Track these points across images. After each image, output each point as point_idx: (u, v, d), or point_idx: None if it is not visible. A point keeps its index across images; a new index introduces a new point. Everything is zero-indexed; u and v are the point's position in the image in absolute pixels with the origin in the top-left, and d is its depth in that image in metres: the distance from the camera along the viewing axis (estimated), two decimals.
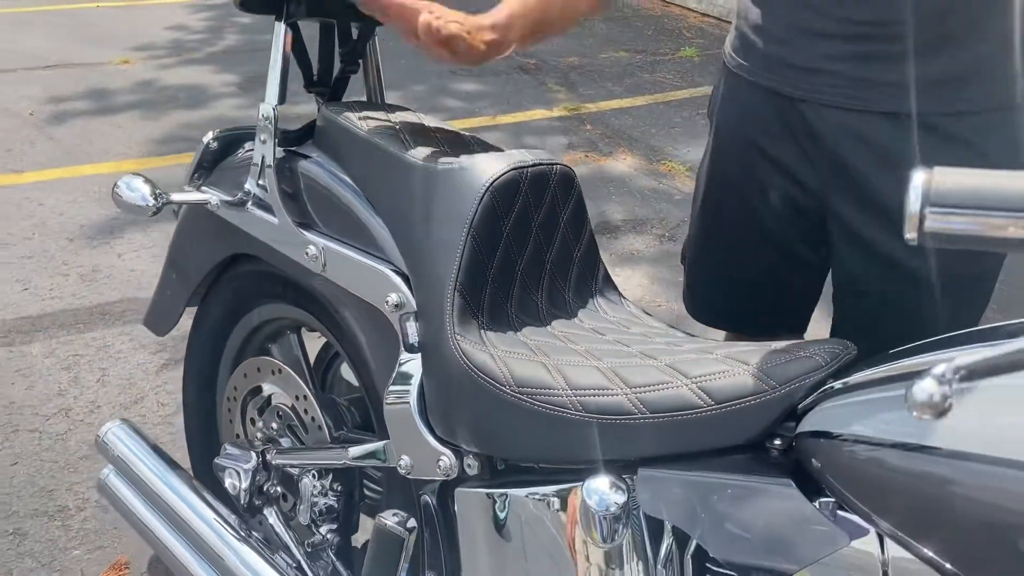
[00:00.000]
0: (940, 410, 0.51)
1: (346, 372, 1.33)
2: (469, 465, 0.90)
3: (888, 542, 0.64)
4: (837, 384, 0.72)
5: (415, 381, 0.94)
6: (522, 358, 0.87)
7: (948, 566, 0.61)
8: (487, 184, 0.93)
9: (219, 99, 3.94)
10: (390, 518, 0.96)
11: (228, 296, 1.34)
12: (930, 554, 0.61)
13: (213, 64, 4.43)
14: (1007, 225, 0.51)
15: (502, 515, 0.88)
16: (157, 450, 1.31)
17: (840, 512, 0.67)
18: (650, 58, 4.69)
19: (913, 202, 0.52)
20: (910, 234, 0.53)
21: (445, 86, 4.08)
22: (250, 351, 1.36)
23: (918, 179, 0.52)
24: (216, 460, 1.25)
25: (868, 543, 0.65)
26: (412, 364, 0.95)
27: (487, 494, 0.89)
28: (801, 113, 1.02)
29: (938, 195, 0.52)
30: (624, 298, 1.07)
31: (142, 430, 1.37)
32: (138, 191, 1.21)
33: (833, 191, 1.04)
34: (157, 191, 1.21)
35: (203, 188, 1.28)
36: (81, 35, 4.81)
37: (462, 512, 0.92)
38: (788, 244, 1.12)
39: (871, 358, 0.73)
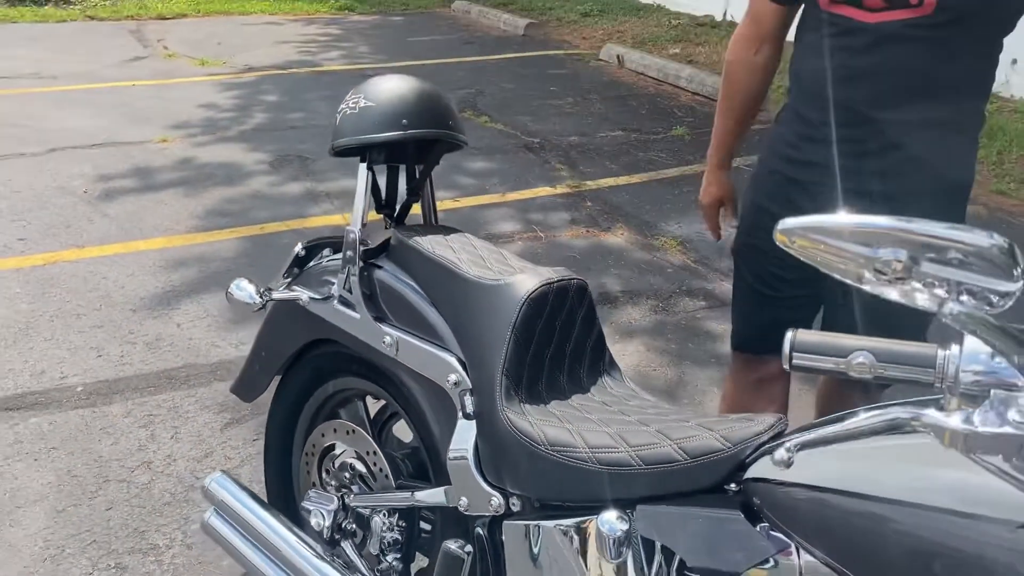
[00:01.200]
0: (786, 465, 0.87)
1: (397, 431, 1.66)
2: (513, 504, 1.23)
3: (803, 553, 0.97)
4: (773, 444, 1.05)
5: (471, 441, 1.28)
6: (552, 424, 1.21)
7: (843, 568, 0.93)
8: (525, 296, 1.28)
9: (253, 176, 4.33)
10: (453, 544, 1.29)
11: (308, 372, 1.68)
12: (830, 560, 0.94)
13: (244, 142, 4.84)
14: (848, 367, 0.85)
15: (537, 541, 1.21)
16: (254, 496, 1.63)
17: (772, 533, 1.00)
18: (644, 136, 5.11)
19: (785, 347, 0.87)
20: (785, 365, 0.88)
21: (459, 164, 4.47)
22: (322, 417, 1.69)
23: (788, 335, 0.87)
24: (303, 504, 1.57)
25: (789, 555, 0.98)
26: (468, 428, 1.29)
27: (526, 526, 1.22)
28: None
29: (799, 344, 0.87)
30: (626, 377, 1.40)
31: (239, 480, 1.69)
32: (246, 291, 1.56)
33: None
34: (261, 291, 1.55)
35: (293, 287, 1.61)
36: (122, 113, 5.24)
37: (508, 540, 1.24)
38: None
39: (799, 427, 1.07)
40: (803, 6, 1.53)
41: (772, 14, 1.56)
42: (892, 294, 0.68)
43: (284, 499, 1.75)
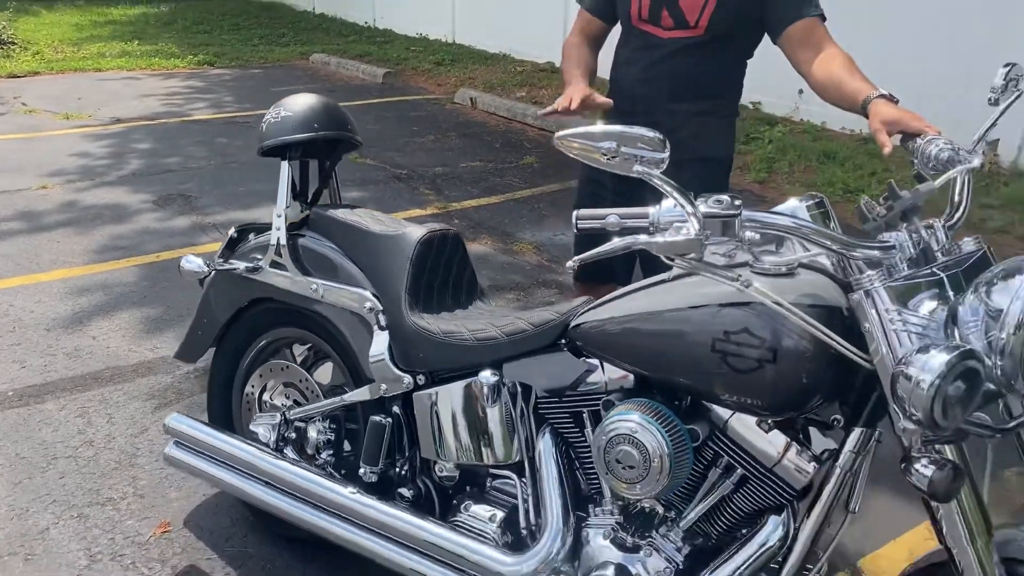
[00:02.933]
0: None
1: (318, 377, 2.12)
2: (419, 380, 1.74)
3: (606, 366, 1.53)
4: (586, 307, 1.62)
5: (385, 344, 1.78)
6: (443, 321, 1.74)
7: (630, 366, 1.50)
8: (418, 240, 1.81)
9: (140, 214, 4.62)
10: (377, 417, 1.78)
11: (244, 331, 2.12)
12: (622, 363, 1.51)
13: (125, 185, 5.11)
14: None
15: (438, 402, 1.72)
16: (207, 424, 2.05)
17: (588, 360, 1.56)
18: (499, 166, 5.77)
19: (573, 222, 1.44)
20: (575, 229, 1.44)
21: None
22: (258, 364, 2.13)
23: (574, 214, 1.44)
24: (250, 427, 2.01)
25: (597, 369, 1.55)
26: (382, 336, 1.79)
27: (429, 393, 1.73)
28: None
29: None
30: (491, 300, 1.95)
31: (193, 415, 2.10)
32: (194, 263, 2.02)
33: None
34: (208, 263, 2.00)
35: (231, 261, 2.06)
36: None
37: (417, 406, 1.75)
38: None
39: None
40: (622, 24, 2.16)
41: (595, 28, 2.19)
42: (615, 169, 1.24)
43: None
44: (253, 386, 2.11)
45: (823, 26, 1.96)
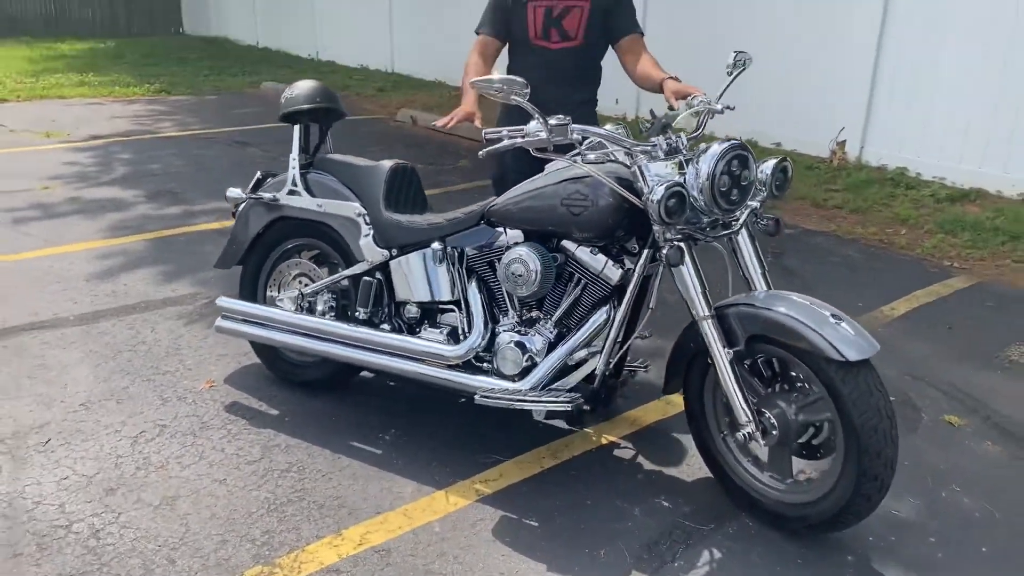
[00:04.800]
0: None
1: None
2: (393, 252, 2.76)
3: (507, 229, 2.58)
4: (494, 200, 2.66)
5: (371, 234, 2.79)
6: (407, 216, 2.77)
7: (520, 226, 2.55)
8: (390, 167, 2.85)
9: (136, 205, 5.51)
10: (366, 278, 2.79)
11: (269, 241, 3.09)
12: (516, 225, 2.56)
13: (118, 185, 5.98)
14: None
15: (406, 264, 2.74)
16: (247, 302, 3.03)
17: (496, 229, 2.60)
18: (439, 167, 6.83)
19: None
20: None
21: None
22: (279, 263, 3.10)
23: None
24: (276, 301, 2.99)
25: (502, 233, 2.59)
26: (367, 229, 2.81)
27: (399, 260, 2.75)
28: None
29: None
30: (434, 210, 2.98)
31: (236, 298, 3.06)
32: (236, 192, 3.00)
33: None
34: (246, 193, 3.00)
35: (260, 192, 3.04)
36: None
37: (393, 269, 2.77)
38: None
39: None
40: (517, 44, 3.20)
41: (491, 49, 3.24)
42: (502, 100, 2.28)
43: None
44: (274, 279, 3.09)
45: (642, 40, 3.08)
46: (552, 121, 2.28)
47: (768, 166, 2.39)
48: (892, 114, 6.50)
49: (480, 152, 2.42)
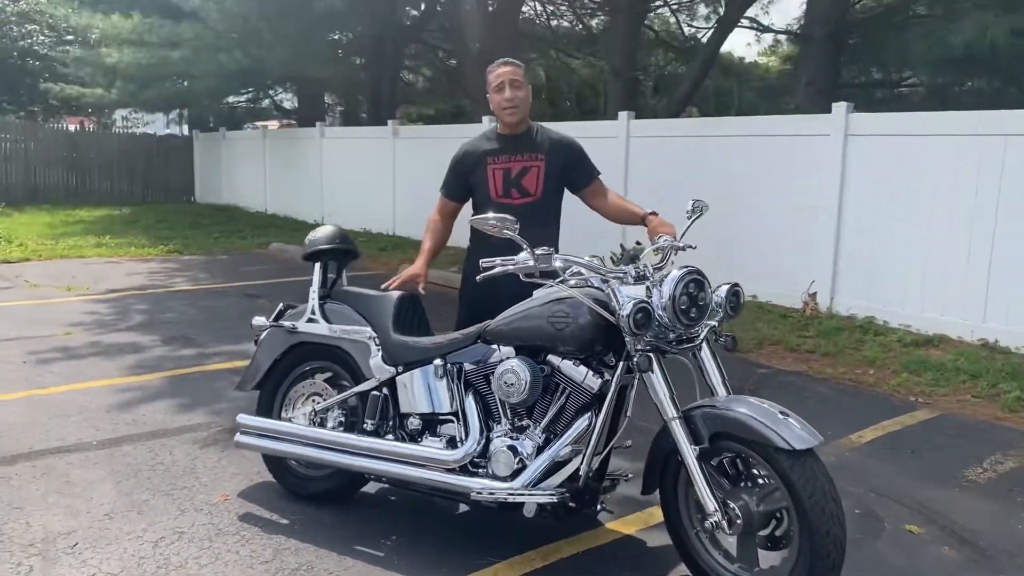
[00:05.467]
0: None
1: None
2: (399, 370, 3.11)
3: (500, 347, 2.94)
4: (489, 322, 3.04)
5: (380, 355, 3.16)
6: (412, 338, 3.14)
7: (512, 342, 2.92)
8: (397, 297, 3.25)
9: (153, 348, 5.88)
10: (375, 392, 3.12)
11: (286, 364, 3.45)
12: (510, 342, 2.93)
13: (135, 331, 6.38)
14: None
15: (411, 380, 3.08)
16: (266, 419, 3.33)
17: (490, 346, 2.97)
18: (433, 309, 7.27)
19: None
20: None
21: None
22: (294, 384, 3.44)
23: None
24: (291, 418, 3.30)
25: (496, 351, 2.96)
26: (378, 351, 3.17)
27: (405, 376, 3.10)
28: None
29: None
30: (434, 334, 3.36)
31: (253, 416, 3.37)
32: (261, 320, 3.40)
33: None
34: (269, 321, 3.39)
35: (282, 322, 3.43)
36: (18, 323, 6.58)
37: (400, 384, 3.10)
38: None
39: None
40: (482, 200, 3.69)
41: (451, 208, 3.73)
42: (497, 234, 2.73)
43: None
44: (289, 399, 3.42)
45: (600, 180, 3.60)
46: (539, 251, 2.72)
47: (722, 291, 2.80)
48: (858, 270, 7.06)
49: (477, 277, 2.84)
